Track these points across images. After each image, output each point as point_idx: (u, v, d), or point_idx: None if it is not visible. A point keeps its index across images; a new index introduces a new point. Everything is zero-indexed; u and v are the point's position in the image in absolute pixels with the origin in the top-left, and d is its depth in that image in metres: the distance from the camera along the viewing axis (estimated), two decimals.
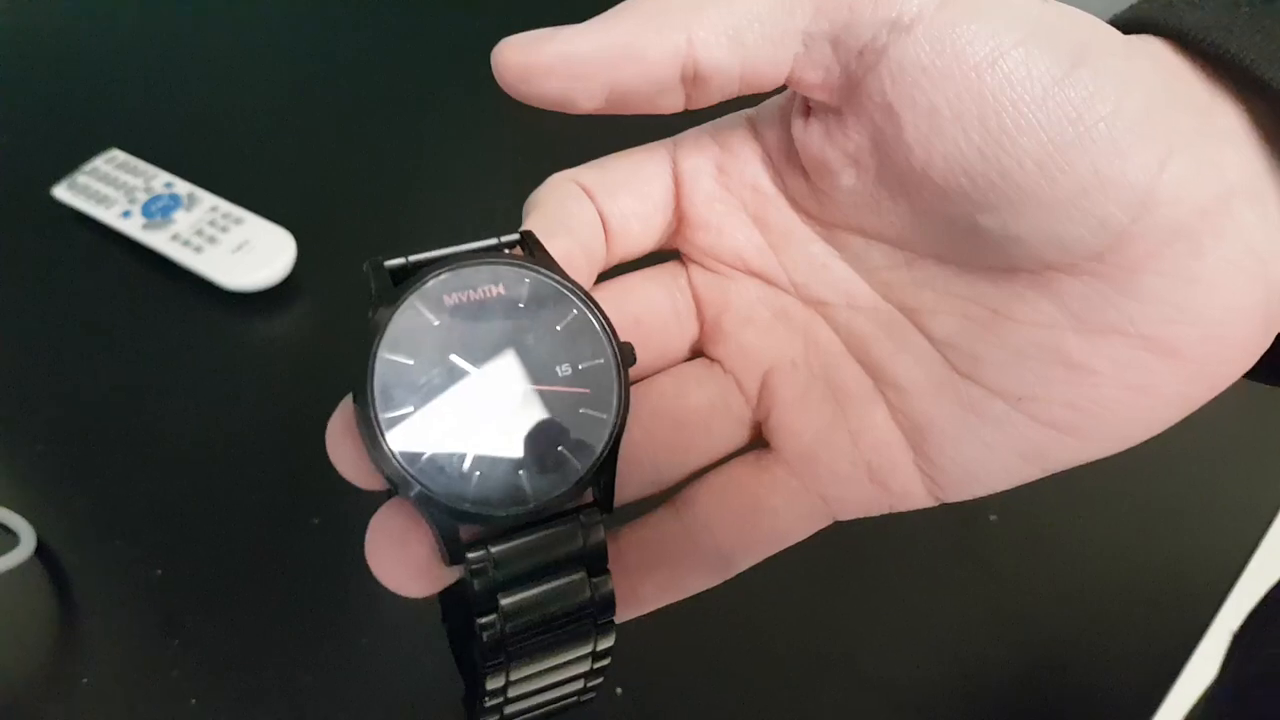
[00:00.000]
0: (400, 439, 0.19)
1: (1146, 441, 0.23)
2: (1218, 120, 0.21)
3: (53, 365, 0.65)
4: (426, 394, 0.19)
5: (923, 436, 0.24)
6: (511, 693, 0.20)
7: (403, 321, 0.19)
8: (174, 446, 0.59)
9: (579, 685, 0.22)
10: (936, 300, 0.23)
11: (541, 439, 0.19)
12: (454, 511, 0.19)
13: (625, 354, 0.21)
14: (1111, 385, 0.21)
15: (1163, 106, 0.20)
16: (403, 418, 0.19)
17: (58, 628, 0.53)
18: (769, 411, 0.25)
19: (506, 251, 0.21)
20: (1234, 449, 0.57)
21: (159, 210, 0.71)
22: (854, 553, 0.52)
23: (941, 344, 0.23)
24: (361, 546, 0.20)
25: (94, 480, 0.58)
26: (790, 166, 0.24)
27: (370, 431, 0.19)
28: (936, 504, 0.24)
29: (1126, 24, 0.22)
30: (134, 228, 0.70)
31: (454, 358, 0.19)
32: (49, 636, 0.53)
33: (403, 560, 0.20)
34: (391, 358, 0.19)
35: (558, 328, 0.20)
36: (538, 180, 0.25)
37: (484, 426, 0.19)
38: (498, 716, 0.21)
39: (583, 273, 0.23)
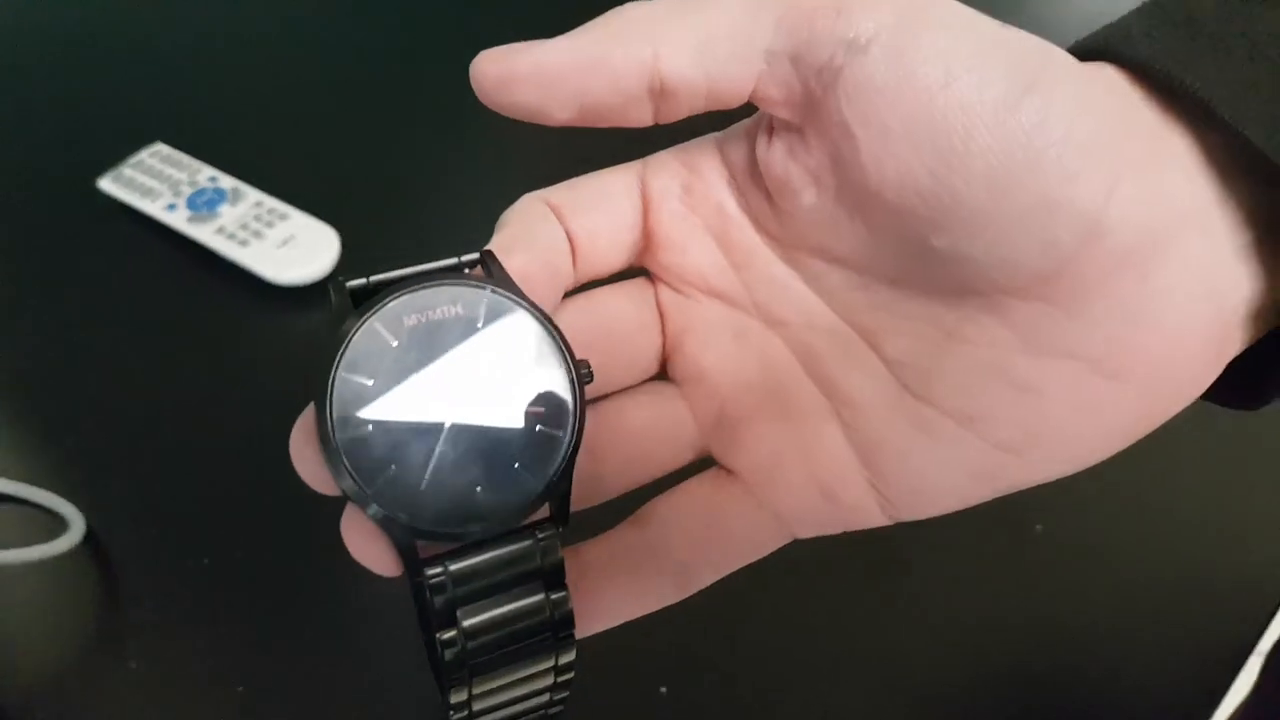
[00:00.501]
0: (356, 459, 0.19)
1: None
2: (1170, 149, 0.21)
3: (100, 355, 0.65)
4: (384, 414, 0.19)
5: (875, 455, 0.24)
6: (475, 706, 0.21)
7: (362, 342, 0.19)
8: (220, 437, 0.60)
9: (544, 698, 0.22)
10: (891, 322, 0.24)
11: (497, 457, 0.20)
12: (409, 529, 0.19)
13: (581, 372, 0.21)
14: (1060, 407, 0.22)
15: (1114, 134, 0.20)
16: (361, 438, 0.19)
17: (105, 613, 0.53)
18: (724, 431, 0.25)
19: (467, 271, 0.21)
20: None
21: (204, 204, 0.72)
22: (899, 558, 0.52)
23: (895, 364, 0.24)
24: None
25: (142, 470, 0.58)
26: (754, 188, 0.24)
27: (329, 450, 0.19)
28: (891, 523, 0.25)
29: (1084, 52, 0.22)
30: (179, 220, 0.71)
31: (412, 378, 0.19)
32: (97, 621, 0.53)
33: (374, 551, 0.21)
34: (350, 378, 0.19)
35: (515, 347, 0.20)
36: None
37: (440, 446, 0.19)
38: None
39: (545, 289, 0.23)
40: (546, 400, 0.20)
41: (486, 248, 0.22)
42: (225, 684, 0.50)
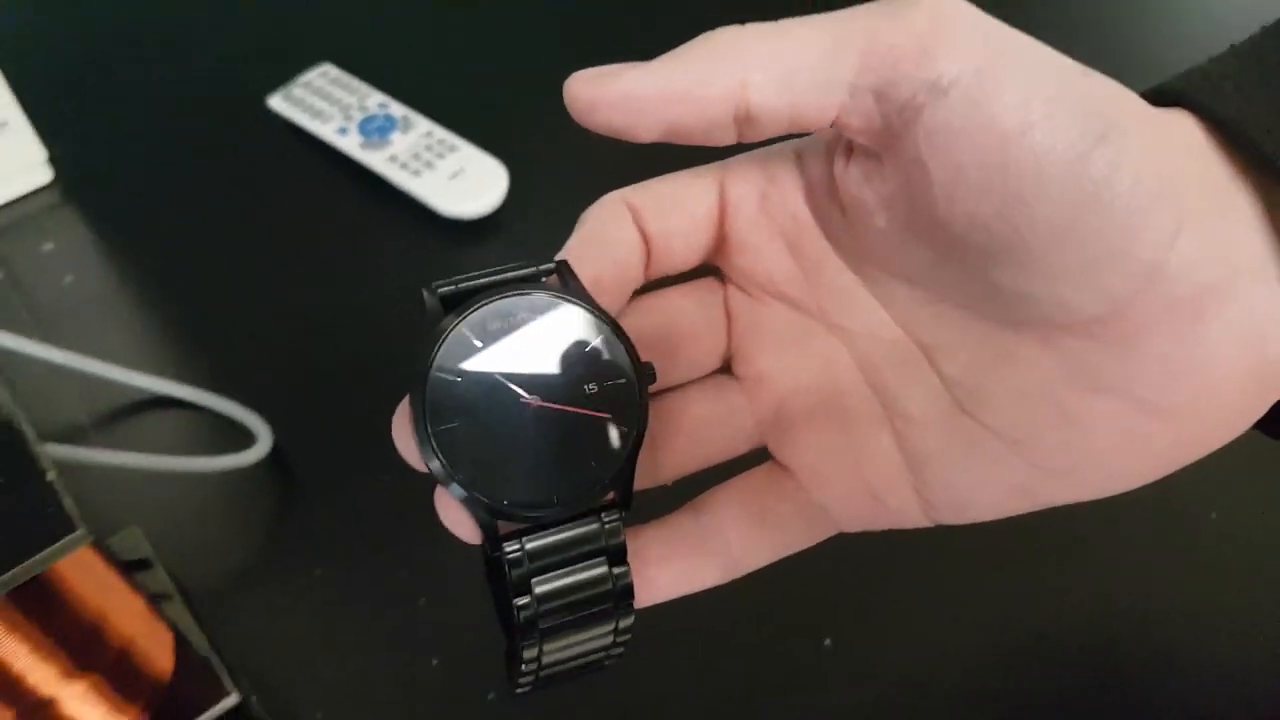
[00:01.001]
0: (447, 448, 0.22)
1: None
2: (1234, 201, 0.21)
3: (276, 276, 0.67)
4: (471, 408, 0.22)
5: (923, 465, 0.25)
6: (545, 660, 0.23)
7: (452, 344, 0.22)
8: (390, 364, 0.61)
9: (604, 653, 0.24)
10: (950, 340, 0.25)
11: (569, 448, 0.22)
12: (491, 510, 0.22)
13: (645, 374, 0.23)
14: (1103, 438, 0.23)
15: (1179, 185, 0.21)
16: (450, 429, 0.22)
17: (290, 523, 0.55)
18: (781, 429, 0.27)
19: (544, 280, 0.23)
20: None
21: (375, 130, 0.73)
22: (1075, 537, 0.52)
23: (950, 381, 0.25)
24: None
25: (320, 389, 0.60)
26: (829, 201, 0.25)
27: (423, 440, 0.22)
28: (931, 524, 0.26)
29: (1162, 94, 0.23)
30: (351, 145, 0.72)
31: (496, 377, 0.22)
32: (283, 531, 0.55)
33: (462, 521, 0.23)
34: (442, 376, 0.22)
35: (586, 350, 0.23)
36: None
37: (519, 437, 0.22)
38: (533, 678, 0.24)
39: (614, 293, 0.25)
40: (614, 398, 0.23)
41: (561, 257, 0.24)
42: (409, 597, 0.52)
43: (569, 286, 0.23)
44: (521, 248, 0.68)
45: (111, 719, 0.45)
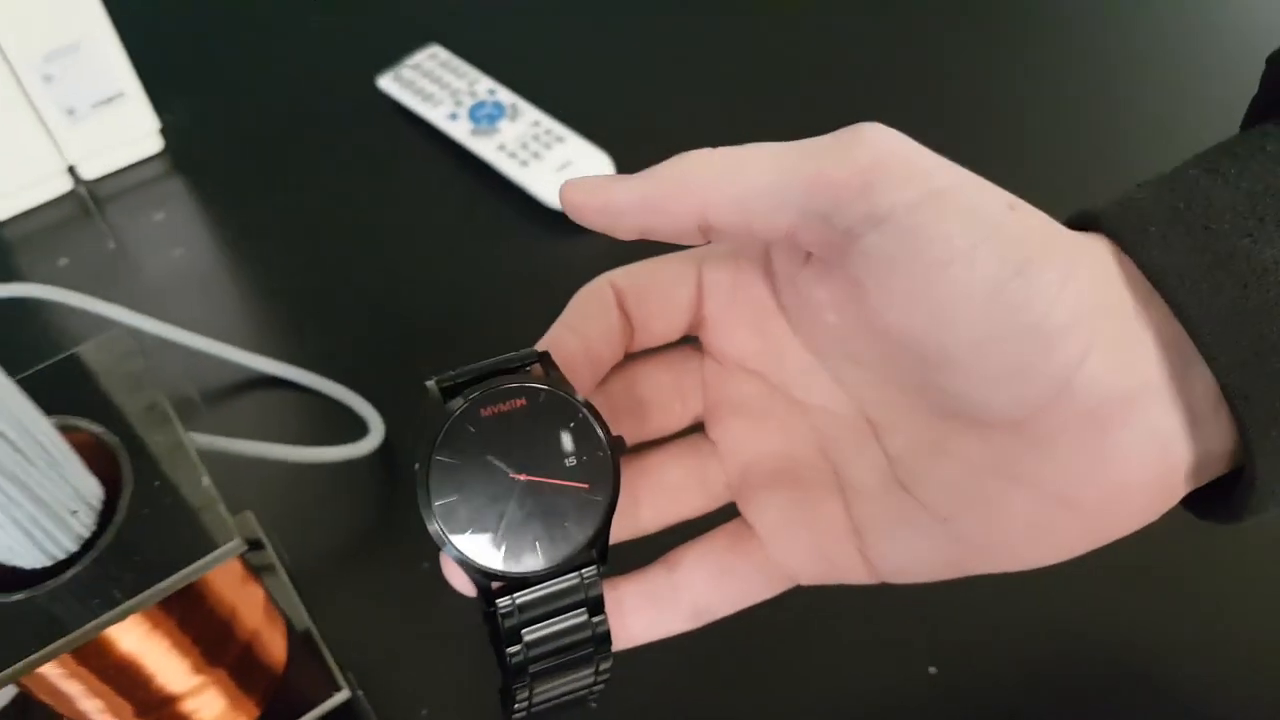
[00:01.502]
0: (446, 519, 0.25)
1: None
2: (1142, 326, 0.23)
3: (380, 261, 0.67)
4: (467, 485, 0.25)
5: (865, 531, 0.28)
6: (535, 698, 0.27)
7: (451, 430, 0.25)
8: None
9: (588, 689, 0.28)
10: (894, 420, 0.28)
11: (553, 516, 0.26)
12: (485, 573, 0.25)
13: (617, 446, 0.26)
14: (1017, 522, 0.25)
15: (1092, 311, 0.23)
16: (449, 504, 0.25)
17: (399, 516, 0.56)
18: (746, 490, 0.30)
19: (528, 369, 0.27)
20: None
21: (485, 117, 0.73)
22: (1191, 574, 0.52)
23: (893, 458, 0.28)
24: None
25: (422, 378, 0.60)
26: (791, 293, 0.28)
27: (427, 513, 0.25)
28: (877, 582, 0.28)
29: (1087, 220, 0.25)
30: (461, 131, 0.72)
31: (489, 457, 0.25)
32: (391, 521, 0.56)
33: (461, 580, 0.26)
34: (441, 459, 0.25)
35: (564, 430, 0.26)
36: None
37: (509, 508, 0.25)
38: (525, 713, 0.27)
39: (594, 366, 0.28)
40: (590, 470, 0.26)
41: (543, 349, 0.27)
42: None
43: (550, 375, 0.27)
44: (621, 246, 0.68)
45: (230, 715, 0.46)
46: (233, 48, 0.82)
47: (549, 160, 0.70)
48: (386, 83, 0.76)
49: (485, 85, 0.75)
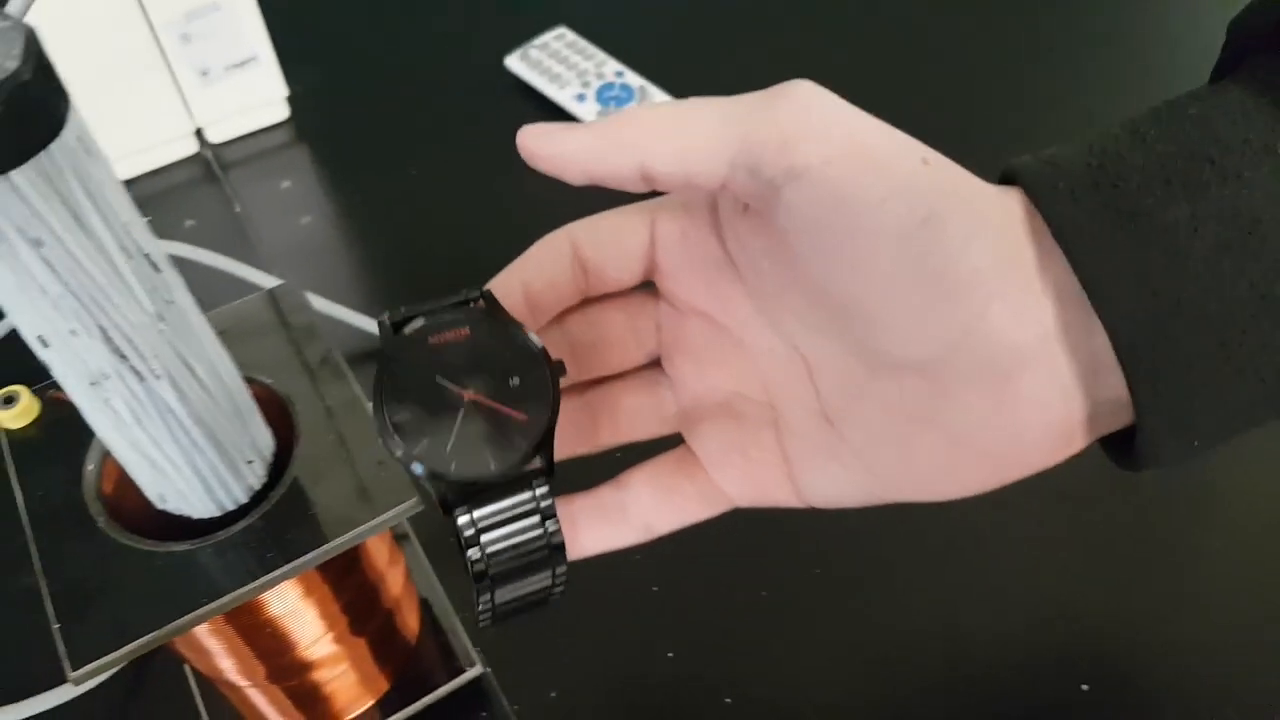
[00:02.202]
0: (402, 435, 0.27)
1: None
2: (1045, 279, 0.24)
3: (504, 241, 0.66)
4: (419, 404, 0.27)
5: (794, 461, 0.30)
6: (497, 599, 0.28)
7: (400, 356, 0.27)
8: None
9: (547, 591, 0.29)
10: (825, 363, 0.29)
11: (499, 429, 0.27)
12: (441, 480, 0.27)
13: (555, 368, 0.28)
14: (927, 461, 0.27)
15: (997, 263, 0.24)
16: (403, 421, 0.27)
17: None
18: (691, 421, 0.32)
19: (471, 304, 0.29)
20: None
21: (613, 99, 0.71)
22: None
23: (822, 397, 0.29)
24: None
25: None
26: (734, 243, 0.30)
27: (384, 430, 0.27)
28: (805, 506, 0.30)
29: (1010, 173, 0.26)
30: (588, 113, 0.71)
31: (437, 379, 0.27)
32: None
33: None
34: (393, 381, 0.27)
35: (506, 355, 0.28)
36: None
37: (458, 423, 0.27)
38: (490, 613, 0.29)
39: (544, 304, 0.31)
40: (530, 389, 0.28)
41: (486, 288, 0.30)
42: (642, 581, 0.50)
43: (492, 307, 0.29)
44: None
45: (360, 689, 0.45)
46: (363, 20, 0.81)
47: None
48: (513, 62, 0.75)
49: (613, 67, 0.74)
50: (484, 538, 0.28)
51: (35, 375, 0.37)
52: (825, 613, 0.50)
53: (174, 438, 0.30)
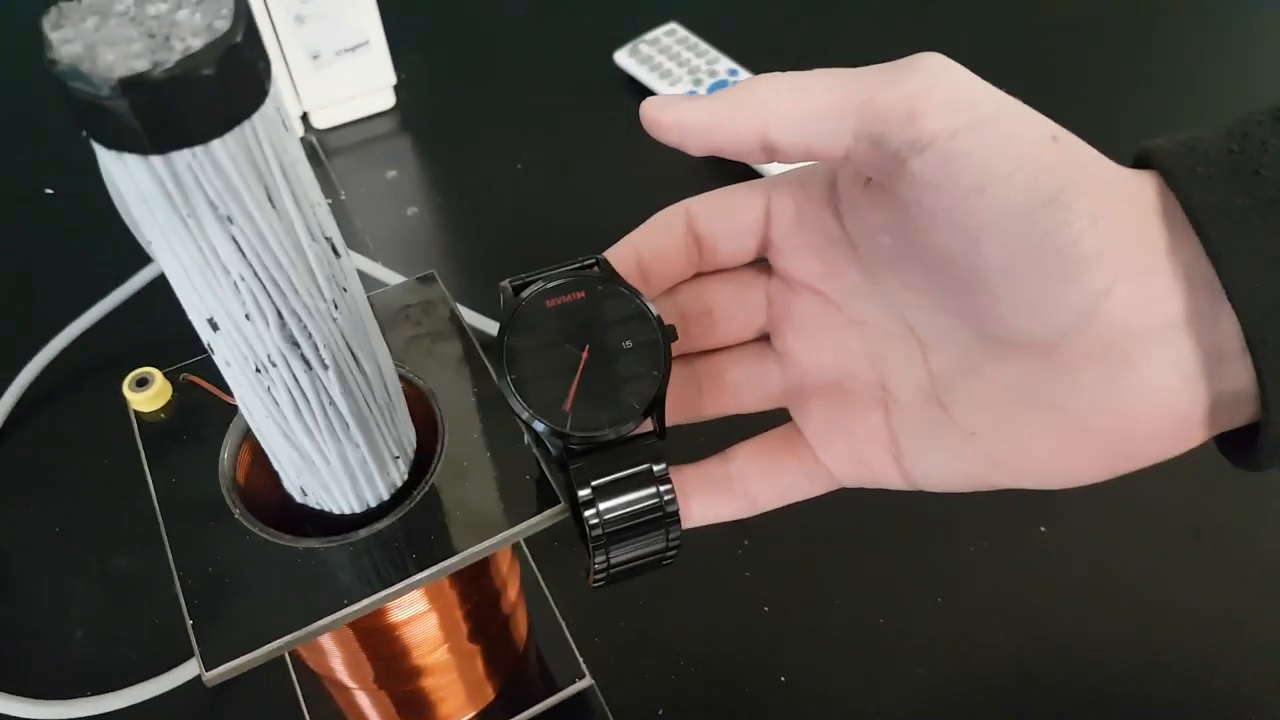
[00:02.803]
0: (521, 392, 0.28)
1: None
2: (1174, 263, 0.24)
3: (613, 234, 0.64)
4: (538, 363, 0.28)
5: (901, 442, 0.30)
6: (612, 561, 0.29)
7: (520, 317, 0.28)
8: None
9: (660, 554, 0.30)
10: (938, 341, 0.29)
11: (613, 388, 0.28)
12: (559, 435, 0.28)
13: (668, 334, 0.29)
14: (1039, 445, 0.26)
15: (1122, 244, 0.24)
16: (523, 380, 0.28)
17: None
18: (799, 397, 0.32)
19: (588, 270, 0.30)
20: None
21: None
22: None
23: (934, 375, 0.29)
24: None
25: None
26: (852, 218, 0.30)
27: (505, 388, 0.28)
28: (911, 488, 0.30)
29: (1145, 155, 0.25)
30: None
31: (554, 339, 0.28)
32: None
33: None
34: (514, 342, 0.28)
35: (621, 318, 0.29)
36: None
37: (574, 382, 0.28)
38: (605, 575, 0.30)
39: (658, 275, 0.31)
40: (644, 350, 0.29)
41: (602, 255, 0.31)
42: (755, 601, 0.48)
43: (608, 273, 0.30)
44: None
45: (467, 698, 0.43)
46: (470, 10, 0.80)
47: None
48: (623, 57, 0.73)
49: (725, 65, 0.72)
50: (600, 498, 0.28)
51: (136, 355, 0.36)
52: (944, 646, 0.47)
53: (330, 430, 0.28)
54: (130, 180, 0.21)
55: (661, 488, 0.29)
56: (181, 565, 0.31)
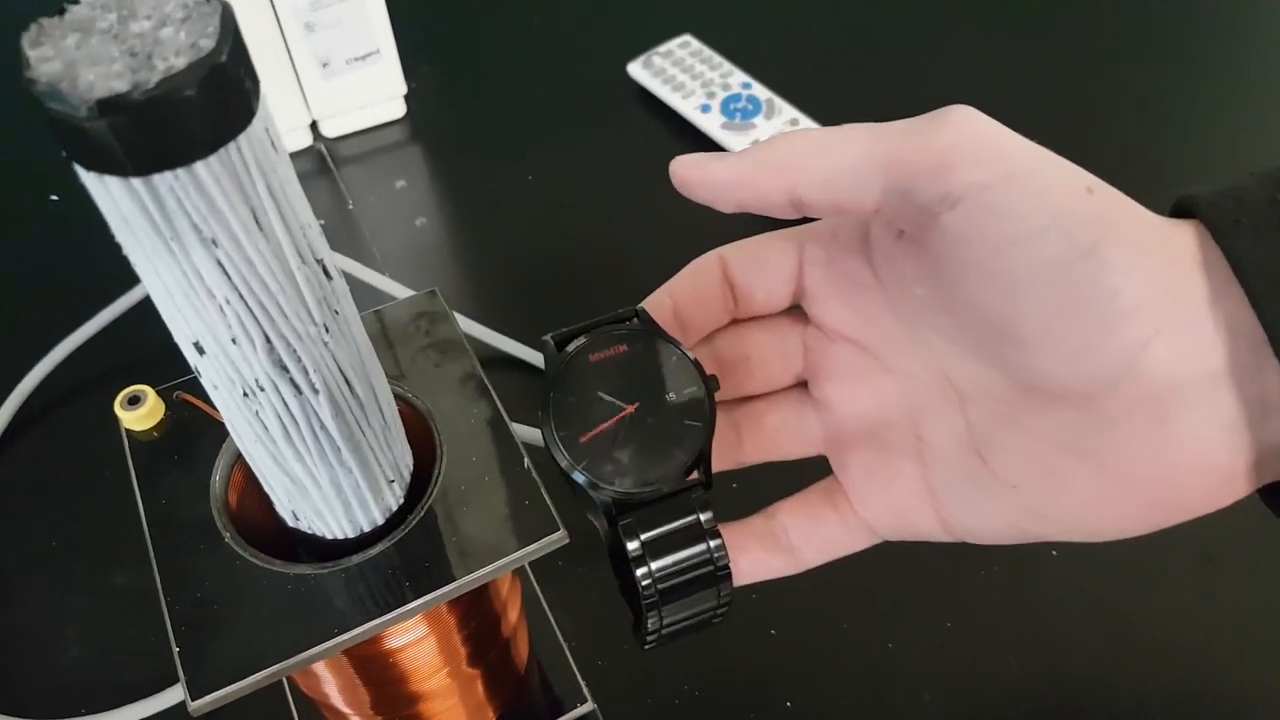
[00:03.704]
0: (568, 449, 0.28)
1: None
2: (1216, 314, 0.23)
3: (624, 255, 0.63)
4: (584, 418, 0.28)
5: (940, 494, 0.29)
6: (665, 621, 0.29)
7: (565, 373, 0.28)
8: None
9: (712, 612, 0.30)
10: (976, 391, 0.28)
11: (659, 442, 0.28)
12: (605, 492, 0.28)
13: (711, 384, 0.29)
14: (1078, 496, 0.26)
15: (1162, 296, 0.23)
16: (570, 435, 0.28)
17: None
18: (837, 446, 0.32)
19: (627, 322, 0.30)
20: None
21: (739, 111, 0.69)
22: None
23: (971, 426, 0.29)
24: None
25: None
26: (885, 267, 0.30)
27: (552, 444, 0.28)
28: (953, 540, 0.30)
29: (1185, 205, 0.25)
30: (712, 124, 0.68)
31: (599, 393, 0.28)
32: None
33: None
34: (559, 396, 0.28)
35: (664, 371, 0.29)
36: None
37: (621, 436, 0.28)
38: (657, 636, 0.29)
39: (695, 323, 0.31)
40: (688, 402, 0.29)
41: (640, 306, 0.31)
42: (759, 626, 0.47)
43: (648, 325, 0.30)
44: None
45: (473, 717, 0.42)
46: (483, 20, 0.79)
47: None
48: (636, 69, 0.72)
49: (739, 79, 0.71)
50: (651, 555, 0.28)
51: (134, 369, 0.35)
52: (953, 672, 0.46)
53: (321, 455, 0.27)
54: (111, 202, 0.20)
55: (712, 542, 0.29)
56: (169, 590, 0.30)
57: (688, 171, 0.28)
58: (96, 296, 0.58)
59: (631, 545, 0.28)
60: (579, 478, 0.28)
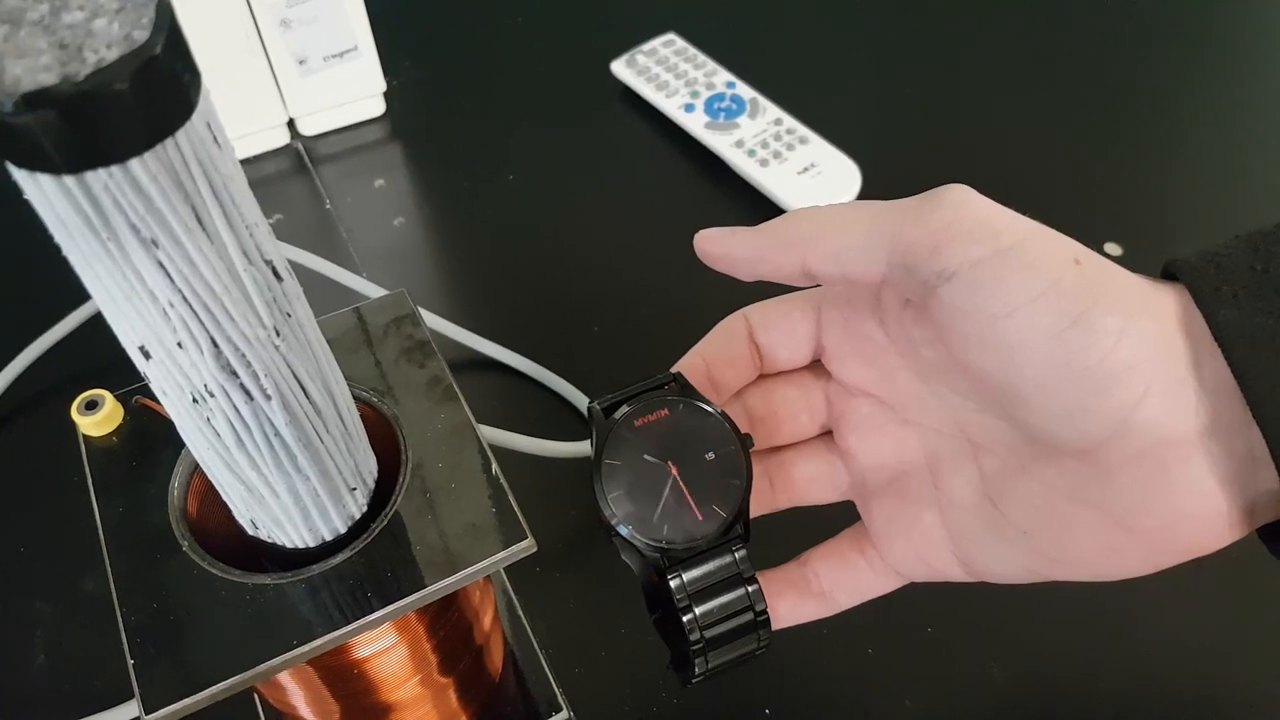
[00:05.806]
0: (619, 508, 0.30)
1: None
2: (1201, 375, 0.25)
3: (605, 252, 0.63)
4: (631, 479, 0.30)
5: (959, 540, 0.31)
6: (710, 665, 0.31)
7: (613, 438, 0.31)
8: None
9: (752, 653, 0.32)
10: (989, 441, 0.31)
11: (699, 498, 0.31)
12: (653, 548, 0.30)
13: (746, 442, 0.31)
14: (1084, 541, 0.28)
15: (1151, 357, 0.25)
16: (618, 496, 0.30)
17: None
18: (862, 495, 0.34)
19: (667, 387, 0.32)
20: None
21: (722, 111, 0.68)
22: None
23: (986, 476, 0.31)
24: None
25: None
26: (896, 330, 0.32)
27: (604, 506, 0.30)
28: (974, 580, 0.32)
29: (1172, 270, 0.26)
30: (695, 124, 0.67)
31: (645, 456, 0.31)
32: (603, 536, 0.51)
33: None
34: (609, 461, 0.31)
35: (703, 432, 0.31)
36: None
37: (666, 495, 0.30)
38: (703, 676, 0.32)
39: (727, 383, 0.34)
40: (726, 461, 0.31)
41: (677, 369, 0.33)
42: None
43: (685, 389, 0.32)
44: None
45: None
46: (467, 17, 0.79)
47: (792, 162, 0.65)
48: (619, 67, 0.72)
49: (723, 78, 0.70)
50: (696, 603, 0.30)
51: (108, 370, 0.34)
52: (934, 678, 0.45)
53: (277, 462, 0.26)
54: (45, 201, 0.19)
55: (750, 588, 0.31)
56: (125, 600, 0.30)
57: (710, 247, 0.31)
58: (68, 299, 0.57)
59: (679, 596, 0.30)
60: (630, 536, 0.30)
